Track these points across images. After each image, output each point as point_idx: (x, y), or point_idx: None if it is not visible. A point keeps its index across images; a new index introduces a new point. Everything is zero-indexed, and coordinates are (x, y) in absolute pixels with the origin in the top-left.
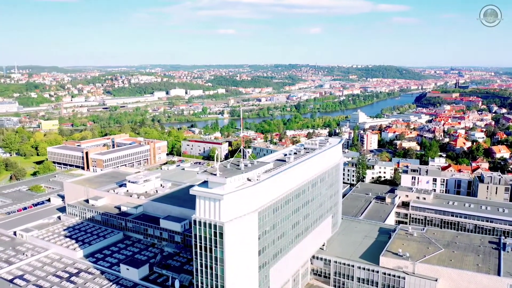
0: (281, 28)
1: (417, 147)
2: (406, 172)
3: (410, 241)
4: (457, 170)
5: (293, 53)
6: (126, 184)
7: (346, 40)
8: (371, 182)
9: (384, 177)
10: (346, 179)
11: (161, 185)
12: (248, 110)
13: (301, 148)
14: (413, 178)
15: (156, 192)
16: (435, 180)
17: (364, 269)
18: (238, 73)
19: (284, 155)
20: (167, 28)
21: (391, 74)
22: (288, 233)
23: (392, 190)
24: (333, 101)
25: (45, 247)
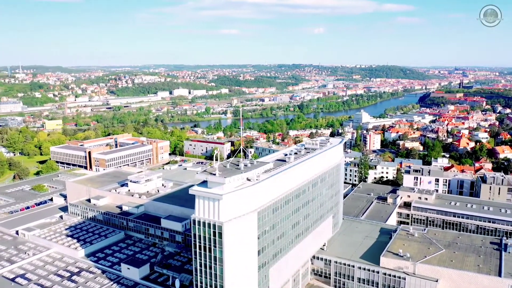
0: (285, 28)
1: (420, 147)
2: (408, 173)
3: (411, 242)
4: (460, 171)
5: (297, 53)
6: (128, 184)
7: (350, 40)
8: (374, 182)
9: (387, 178)
10: (348, 179)
11: (163, 185)
12: (251, 110)
13: (302, 148)
14: (416, 179)
15: (158, 192)
16: (438, 181)
17: (365, 270)
18: (242, 73)
19: (285, 155)
20: (171, 28)
21: (395, 74)
22: (288, 233)
23: (394, 191)
24: (337, 101)
25: (47, 246)
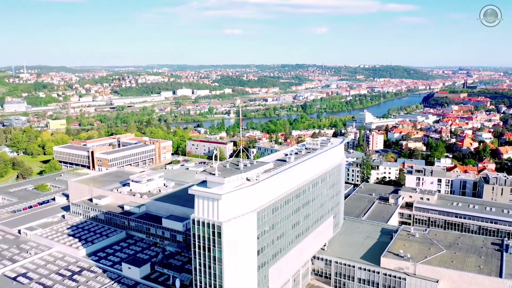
0: (288, 28)
1: (423, 148)
2: (411, 173)
3: (412, 242)
4: (463, 171)
5: (300, 53)
6: (130, 184)
7: (353, 40)
8: (376, 183)
9: (389, 178)
10: (351, 180)
11: (164, 185)
12: (254, 110)
13: (303, 148)
14: (418, 179)
15: (159, 192)
16: (440, 181)
17: (365, 270)
18: (245, 73)
19: (285, 155)
20: (174, 28)
21: (399, 74)
22: (288, 233)
23: (396, 191)
24: (340, 101)
25: (49, 246)
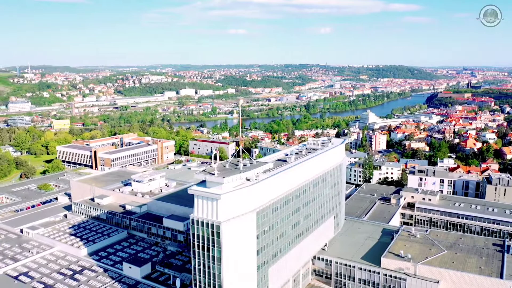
0: (292, 28)
1: (426, 148)
2: (413, 173)
3: (413, 243)
4: (466, 171)
5: (304, 53)
6: (131, 183)
7: (357, 40)
8: (378, 183)
9: (391, 178)
10: (353, 180)
11: (166, 184)
12: (258, 110)
13: (303, 148)
14: (420, 179)
15: (161, 191)
16: (443, 181)
17: (365, 270)
18: (248, 73)
19: (285, 155)
20: (178, 28)
21: (403, 74)
22: (288, 233)
23: (398, 191)
24: (343, 101)
25: (51, 245)
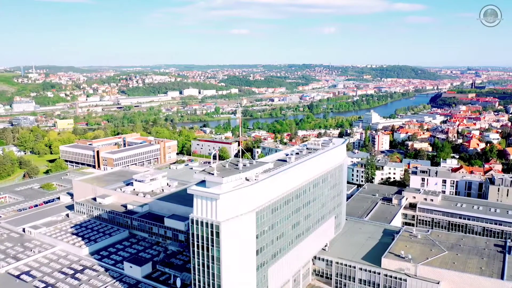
0: (295, 28)
1: (429, 148)
2: (415, 173)
3: (414, 243)
4: (469, 172)
5: (307, 53)
6: (133, 183)
7: (361, 40)
8: (380, 183)
9: (394, 178)
10: (355, 180)
11: (168, 184)
12: (261, 110)
13: (304, 148)
14: (422, 180)
15: (162, 191)
16: (445, 182)
17: (366, 271)
18: (252, 73)
19: (286, 155)
20: (181, 28)
21: (406, 74)
22: (288, 234)
23: (400, 192)
24: (347, 101)
25: (52, 244)
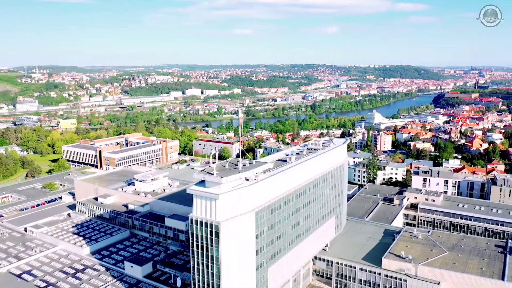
0: (298, 28)
1: (432, 148)
2: (417, 174)
3: (414, 244)
4: (471, 172)
5: (310, 53)
6: (134, 183)
7: (363, 40)
8: (382, 184)
9: (396, 179)
10: (357, 180)
11: (169, 184)
12: (263, 110)
13: (304, 149)
14: (424, 180)
15: (164, 191)
16: (447, 182)
17: (366, 271)
18: (254, 73)
19: (286, 155)
20: (184, 28)
21: (409, 74)
22: (288, 234)
23: (401, 192)
24: (349, 101)
25: (54, 244)
